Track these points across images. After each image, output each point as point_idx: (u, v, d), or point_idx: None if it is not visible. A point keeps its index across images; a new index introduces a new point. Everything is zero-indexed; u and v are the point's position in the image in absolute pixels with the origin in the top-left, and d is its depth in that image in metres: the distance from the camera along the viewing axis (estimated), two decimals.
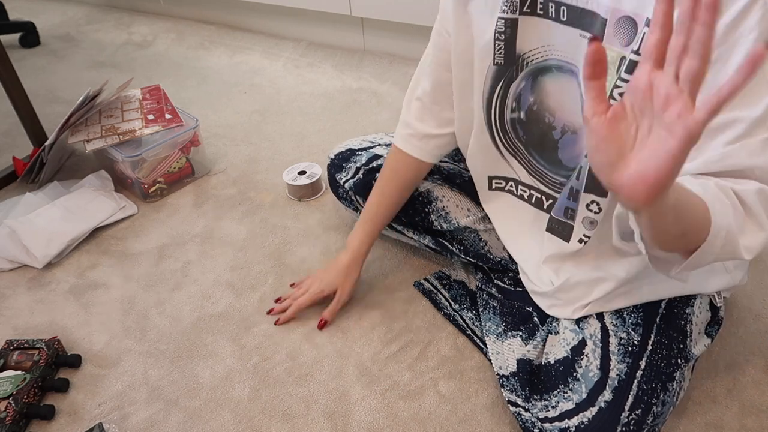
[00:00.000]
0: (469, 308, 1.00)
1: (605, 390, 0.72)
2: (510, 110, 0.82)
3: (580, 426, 0.71)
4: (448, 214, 1.01)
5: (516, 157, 0.87)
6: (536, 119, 0.80)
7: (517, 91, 0.79)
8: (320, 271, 1.04)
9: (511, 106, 0.81)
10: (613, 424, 0.70)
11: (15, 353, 0.95)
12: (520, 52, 0.75)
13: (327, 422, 0.87)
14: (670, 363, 0.73)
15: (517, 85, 0.79)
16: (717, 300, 0.83)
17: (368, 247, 1.02)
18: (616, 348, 0.75)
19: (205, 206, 1.32)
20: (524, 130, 0.83)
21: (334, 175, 1.09)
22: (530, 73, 0.77)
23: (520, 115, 0.81)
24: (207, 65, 1.96)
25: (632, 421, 0.70)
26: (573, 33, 0.69)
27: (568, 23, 0.69)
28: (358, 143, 1.09)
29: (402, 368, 0.94)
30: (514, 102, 0.80)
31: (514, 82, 0.78)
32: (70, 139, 1.30)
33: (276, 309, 1.04)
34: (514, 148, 0.86)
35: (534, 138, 0.82)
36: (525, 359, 0.83)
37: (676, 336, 0.76)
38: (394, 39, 1.90)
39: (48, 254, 1.17)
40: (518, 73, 0.77)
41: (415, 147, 0.93)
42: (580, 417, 0.71)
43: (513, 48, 0.75)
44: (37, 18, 2.31)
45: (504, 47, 0.75)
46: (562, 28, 0.70)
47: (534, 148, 0.84)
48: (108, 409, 0.91)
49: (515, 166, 0.88)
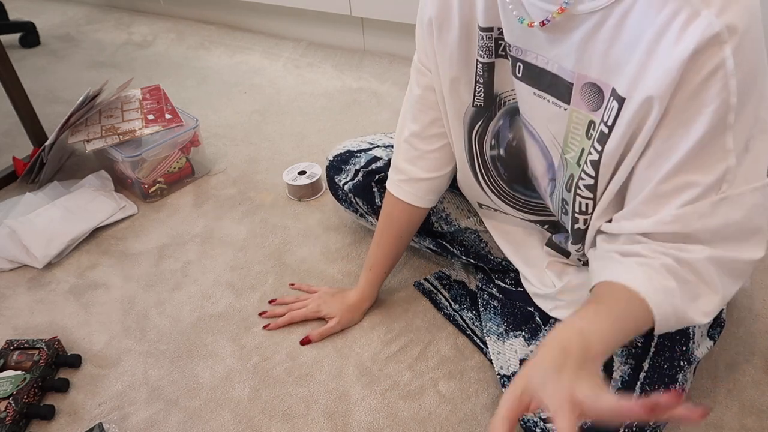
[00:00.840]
0: (469, 308, 1.00)
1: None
2: (489, 147, 0.82)
3: (583, 426, 0.71)
4: (448, 216, 1.01)
5: (501, 198, 0.88)
6: (516, 154, 0.81)
7: (496, 128, 0.80)
8: (326, 291, 1.03)
9: (491, 143, 0.82)
10: (616, 426, 0.70)
11: (15, 353, 0.95)
12: (497, 92, 0.76)
13: (327, 422, 0.87)
14: (673, 365, 0.73)
15: (495, 123, 0.80)
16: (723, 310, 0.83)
17: (373, 293, 1.01)
18: (619, 350, 0.75)
19: (205, 206, 1.32)
20: (505, 167, 0.84)
21: (333, 177, 1.09)
22: (507, 112, 0.78)
23: (500, 152, 0.82)
24: (207, 65, 1.96)
25: (634, 424, 0.70)
26: (527, 90, 0.70)
27: (522, 80, 0.70)
28: (357, 144, 1.09)
29: (402, 368, 0.94)
30: (493, 139, 0.81)
31: (492, 121, 0.79)
32: (70, 139, 1.30)
33: (269, 312, 1.04)
34: (498, 188, 0.87)
35: (516, 174, 0.83)
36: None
37: (679, 338, 0.76)
38: (394, 39, 1.90)
39: (48, 254, 1.17)
40: (496, 112, 0.78)
41: (408, 193, 0.90)
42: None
43: (491, 89, 0.76)
44: (37, 18, 2.31)
45: (483, 89, 0.76)
46: (518, 83, 0.71)
47: (517, 183, 0.85)
48: (108, 409, 0.91)
49: (501, 206, 0.90)
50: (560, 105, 0.67)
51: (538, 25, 0.62)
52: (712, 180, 0.57)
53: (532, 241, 0.92)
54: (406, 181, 0.89)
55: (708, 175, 0.56)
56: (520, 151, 0.80)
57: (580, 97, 0.64)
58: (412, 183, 0.89)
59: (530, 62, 0.68)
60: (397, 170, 0.90)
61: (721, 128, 0.54)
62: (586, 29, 0.59)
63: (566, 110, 0.67)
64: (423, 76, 0.81)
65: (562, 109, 0.67)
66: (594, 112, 0.64)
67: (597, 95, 0.62)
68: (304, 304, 1.02)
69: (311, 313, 1.00)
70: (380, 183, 1.02)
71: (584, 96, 0.64)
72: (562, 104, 0.67)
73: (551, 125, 0.70)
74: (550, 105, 0.68)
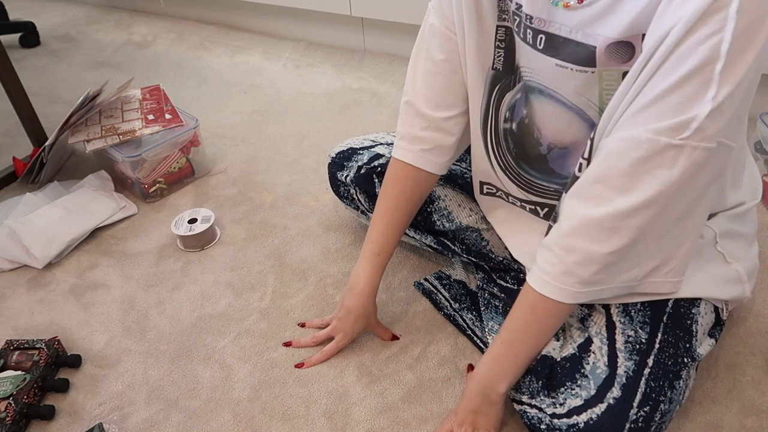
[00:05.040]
0: (469, 308, 1.00)
1: (614, 386, 0.72)
2: (503, 119, 0.82)
3: (589, 422, 0.71)
4: (450, 214, 1.01)
5: (507, 173, 0.88)
6: (527, 132, 0.81)
7: (512, 101, 0.80)
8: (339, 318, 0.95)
9: (505, 116, 0.82)
10: (622, 421, 0.70)
11: (15, 353, 0.95)
12: (518, 64, 0.76)
13: (327, 422, 0.87)
14: (677, 361, 0.74)
15: (512, 95, 0.79)
16: (723, 312, 0.83)
17: (377, 284, 0.93)
18: (623, 345, 0.75)
19: (205, 206, 1.32)
20: (514, 143, 0.83)
21: (335, 174, 1.09)
22: (523, 88, 0.78)
23: (512, 126, 0.82)
24: (207, 65, 1.96)
25: (641, 418, 0.70)
26: (549, 61, 0.70)
27: (544, 52, 0.70)
28: (359, 142, 1.09)
29: (402, 368, 0.94)
30: (507, 111, 0.81)
31: (510, 92, 0.79)
32: (70, 140, 1.30)
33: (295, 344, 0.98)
34: (505, 162, 0.87)
35: (524, 150, 0.83)
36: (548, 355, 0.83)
37: (683, 335, 0.76)
38: (394, 39, 1.90)
39: (48, 254, 1.17)
40: (515, 84, 0.78)
41: (428, 161, 0.88)
42: (589, 413, 0.71)
43: (512, 57, 0.76)
44: (37, 18, 2.31)
45: (504, 55, 0.76)
46: (539, 55, 0.71)
47: (524, 161, 0.85)
48: (108, 409, 0.91)
49: (504, 181, 0.89)
50: (585, 70, 0.67)
51: (575, 2, 0.62)
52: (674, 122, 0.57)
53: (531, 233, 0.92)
54: (429, 150, 0.87)
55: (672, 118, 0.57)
56: (530, 129, 0.80)
57: (606, 57, 0.64)
58: (433, 150, 0.87)
59: (553, 33, 0.67)
60: (416, 139, 0.86)
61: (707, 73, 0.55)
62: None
63: (594, 73, 0.67)
64: (449, 40, 0.80)
65: (588, 73, 0.67)
66: (626, 63, 0.64)
67: (626, 49, 0.62)
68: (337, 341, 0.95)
69: (345, 343, 0.96)
70: (381, 175, 1.02)
71: (610, 54, 0.64)
72: (588, 69, 0.67)
73: (581, 90, 0.70)
74: (574, 73, 0.68)
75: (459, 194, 1.01)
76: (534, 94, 0.77)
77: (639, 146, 0.59)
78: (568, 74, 0.69)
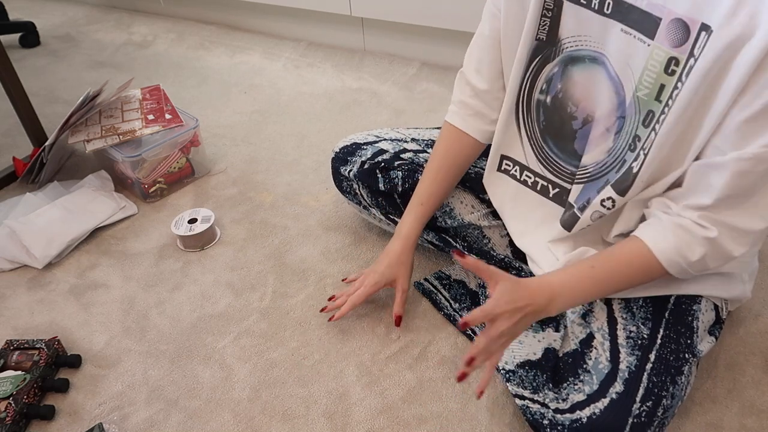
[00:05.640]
0: (469, 308, 1.00)
1: (616, 381, 0.72)
2: (539, 91, 0.83)
3: (592, 417, 0.71)
4: (452, 211, 1.01)
5: (530, 142, 0.89)
6: (560, 107, 0.81)
7: (550, 74, 0.81)
8: (370, 268, 0.99)
9: (541, 87, 0.83)
10: (625, 416, 0.70)
11: (15, 353, 0.95)
12: (561, 35, 0.77)
13: (327, 422, 0.87)
14: (679, 357, 0.74)
15: (551, 68, 0.80)
16: (723, 311, 0.83)
17: (419, 233, 0.98)
18: (625, 341, 0.76)
19: (205, 206, 1.32)
20: (546, 116, 0.84)
21: (339, 168, 1.09)
22: (563, 61, 0.79)
23: (546, 99, 0.83)
24: (207, 65, 1.96)
25: (643, 413, 0.70)
26: (614, 26, 0.70)
27: (612, 16, 0.70)
28: (363, 137, 1.10)
29: (402, 368, 0.94)
30: (544, 84, 0.82)
31: (549, 64, 0.80)
32: (70, 140, 1.30)
33: (330, 306, 0.99)
34: (531, 131, 0.88)
35: (553, 126, 0.84)
36: (551, 348, 0.83)
37: (684, 331, 0.76)
38: (394, 39, 1.90)
39: (48, 254, 1.17)
40: (555, 56, 0.79)
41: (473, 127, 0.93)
42: (592, 408, 0.72)
43: (557, 27, 0.77)
44: (37, 18, 2.31)
45: (549, 24, 0.77)
46: (603, 20, 0.71)
47: (550, 136, 0.85)
48: (108, 409, 0.91)
49: (527, 151, 0.90)
50: (644, 41, 0.67)
51: None
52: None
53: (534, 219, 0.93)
54: (473, 115, 0.92)
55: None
56: (565, 103, 0.81)
57: (665, 33, 0.65)
58: (478, 117, 0.92)
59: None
60: (463, 104, 0.92)
61: None
62: None
63: (649, 46, 0.67)
64: (494, 17, 0.83)
65: (646, 44, 0.67)
66: (676, 48, 0.64)
67: (683, 31, 0.63)
68: (358, 286, 0.97)
69: (371, 289, 0.96)
70: (384, 171, 1.02)
71: (669, 32, 0.64)
72: (647, 40, 0.67)
73: (632, 61, 0.70)
74: (635, 41, 0.69)
75: (461, 191, 1.01)
76: (577, 65, 0.77)
77: (763, 161, 0.61)
78: (629, 42, 0.69)
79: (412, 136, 1.09)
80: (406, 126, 1.36)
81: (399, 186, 1.01)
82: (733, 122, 0.61)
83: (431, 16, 1.69)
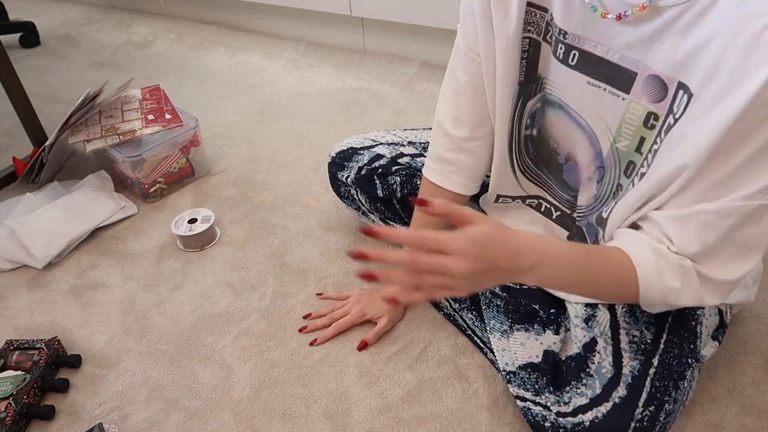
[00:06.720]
0: (469, 308, 1.00)
1: (619, 386, 0.72)
2: (525, 127, 0.83)
3: (595, 421, 0.71)
4: None
5: (525, 174, 0.89)
6: (545, 140, 0.82)
7: (533, 109, 0.80)
8: (361, 293, 1.00)
9: (526, 123, 0.82)
10: (627, 420, 0.70)
11: (15, 353, 0.95)
12: (540, 74, 0.76)
13: (327, 422, 0.87)
14: (682, 362, 0.74)
15: (533, 104, 0.80)
16: (727, 316, 0.83)
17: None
18: (628, 345, 0.76)
19: (205, 206, 1.32)
20: (534, 148, 0.84)
21: (336, 174, 1.09)
22: (542, 99, 0.78)
23: (532, 132, 0.83)
24: (207, 65, 1.96)
25: (646, 418, 0.70)
26: (579, 78, 0.69)
27: (576, 68, 0.69)
28: (360, 141, 1.09)
29: (402, 368, 0.94)
30: (528, 119, 0.81)
31: (531, 100, 0.79)
32: (70, 140, 1.30)
33: (310, 327, 1.00)
34: (525, 166, 0.87)
35: (542, 157, 0.84)
36: (550, 350, 0.83)
37: (687, 336, 0.76)
38: (394, 39, 1.90)
39: (48, 254, 1.17)
40: (536, 93, 0.78)
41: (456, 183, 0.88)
42: (595, 412, 0.71)
43: (535, 67, 0.76)
44: (37, 18, 2.31)
45: (527, 66, 0.76)
46: (567, 71, 0.71)
47: (543, 165, 0.86)
48: (108, 409, 0.91)
49: (524, 184, 0.90)
50: (618, 94, 0.66)
51: (613, 17, 0.61)
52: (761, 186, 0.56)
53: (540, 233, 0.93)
54: (455, 171, 0.87)
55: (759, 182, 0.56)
56: (548, 139, 0.80)
57: (641, 88, 0.64)
58: (461, 173, 0.88)
59: (588, 51, 0.67)
60: (442, 161, 0.88)
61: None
62: (659, 22, 0.59)
63: (624, 99, 0.66)
64: (472, 62, 0.79)
65: (620, 98, 0.66)
66: (655, 103, 0.63)
67: (660, 88, 0.62)
68: (345, 311, 0.99)
69: (357, 319, 0.98)
70: (382, 176, 1.02)
71: (646, 88, 0.63)
72: (621, 93, 0.66)
73: (605, 114, 0.69)
74: (606, 94, 0.68)
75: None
76: (551, 107, 0.77)
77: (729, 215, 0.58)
78: (598, 94, 0.68)
79: (408, 138, 1.09)
80: (404, 127, 1.36)
81: (397, 192, 1.01)
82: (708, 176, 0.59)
83: (431, 16, 1.69)
